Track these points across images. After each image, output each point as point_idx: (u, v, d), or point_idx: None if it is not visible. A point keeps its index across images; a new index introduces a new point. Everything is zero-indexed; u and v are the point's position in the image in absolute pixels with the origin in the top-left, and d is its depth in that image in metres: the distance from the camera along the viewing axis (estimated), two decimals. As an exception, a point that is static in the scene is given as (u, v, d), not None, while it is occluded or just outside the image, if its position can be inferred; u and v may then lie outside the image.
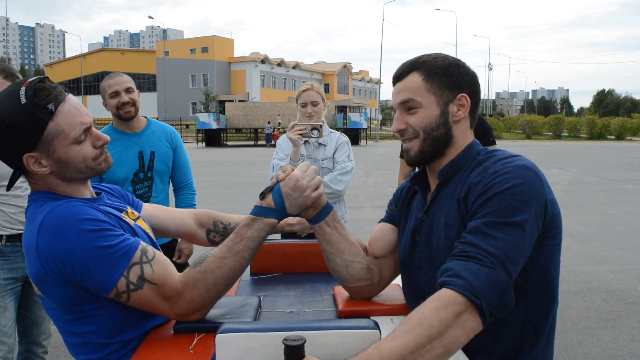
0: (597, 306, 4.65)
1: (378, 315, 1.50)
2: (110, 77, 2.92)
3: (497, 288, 1.10)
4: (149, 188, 2.99)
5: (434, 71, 1.36)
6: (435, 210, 1.38)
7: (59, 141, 1.26)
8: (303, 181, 1.41)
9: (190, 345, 1.30)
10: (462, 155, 1.38)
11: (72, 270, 1.21)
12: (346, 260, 1.53)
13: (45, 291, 1.27)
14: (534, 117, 50.42)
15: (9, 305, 2.56)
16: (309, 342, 1.02)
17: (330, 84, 70.88)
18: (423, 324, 1.04)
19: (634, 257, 6.31)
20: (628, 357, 3.63)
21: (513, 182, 1.20)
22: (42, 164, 1.27)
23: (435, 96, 1.36)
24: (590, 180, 10.44)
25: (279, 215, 1.42)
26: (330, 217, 1.52)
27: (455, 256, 1.17)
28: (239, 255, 1.36)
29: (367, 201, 10.37)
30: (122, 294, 1.25)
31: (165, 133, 3.08)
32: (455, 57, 1.42)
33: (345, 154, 3.18)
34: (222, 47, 64.17)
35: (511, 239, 1.15)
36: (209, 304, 1.36)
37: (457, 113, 1.37)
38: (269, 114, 34.49)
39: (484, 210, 1.19)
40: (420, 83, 1.36)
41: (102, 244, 1.22)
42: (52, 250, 1.20)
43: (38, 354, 2.79)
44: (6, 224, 2.55)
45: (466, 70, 1.39)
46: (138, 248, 1.28)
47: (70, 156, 1.28)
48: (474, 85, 1.40)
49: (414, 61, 1.40)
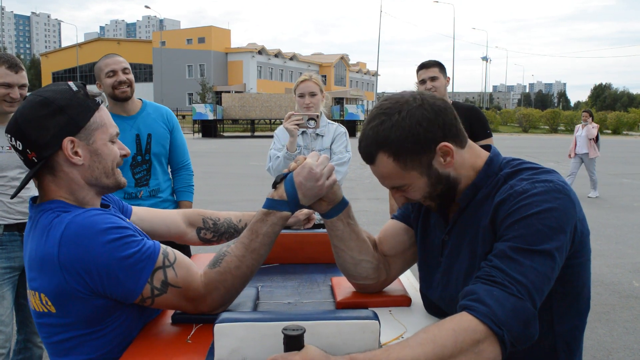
0: (592, 299, 4.65)
1: (376, 307, 1.49)
2: (107, 57, 2.90)
3: (521, 319, 1.05)
4: (147, 171, 2.97)
5: (400, 146, 1.20)
6: (457, 232, 1.32)
7: (100, 133, 1.30)
8: (317, 169, 1.36)
9: (188, 335, 1.30)
10: (483, 174, 1.28)
11: (100, 280, 1.19)
12: (356, 258, 1.49)
13: (64, 307, 1.22)
14: (530, 111, 50.38)
15: (7, 294, 2.56)
16: (308, 332, 1.02)
17: (328, 76, 70.65)
18: (437, 342, 1.01)
19: (629, 251, 6.34)
20: (622, 350, 3.66)
21: (543, 206, 1.12)
22: (78, 154, 1.27)
23: (415, 169, 1.23)
24: (586, 175, 10.50)
25: (292, 207, 1.37)
26: (345, 214, 1.46)
27: (481, 279, 1.11)
28: (256, 253, 1.36)
29: (363, 193, 10.37)
30: (147, 299, 1.26)
31: (161, 114, 3.04)
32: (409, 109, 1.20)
33: (342, 145, 3.17)
34: (219, 37, 63.84)
35: (539, 267, 1.09)
36: (229, 301, 1.37)
37: (445, 162, 1.24)
38: (265, 105, 34.37)
39: (511, 233, 1.12)
40: (393, 166, 1.23)
41: (127, 253, 1.21)
42: (77, 261, 1.18)
43: (37, 344, 2.79)
44: (4, 213, 2.55)
45: (432, 117, 1.20)
46: (160, 252, 1.27)
47: (105, 151, 1.32)
48: (445, 123, 1.22)
49: (373, 139, 1.22)
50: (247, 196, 9.77)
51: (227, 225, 1.73)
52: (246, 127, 38.70)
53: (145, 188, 2.96)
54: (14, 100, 2.50)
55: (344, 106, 35.67)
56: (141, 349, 1.25)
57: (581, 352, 1.30)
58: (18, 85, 2.50)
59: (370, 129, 1.24)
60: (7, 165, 2.55)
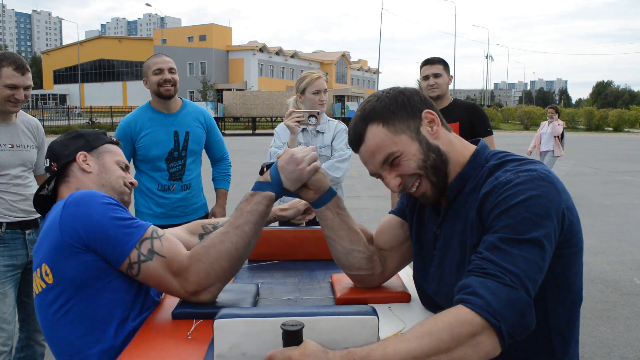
0: (593, 296, 4.67)
1: (376, 303, 1.50)
2: (156, 56, 3.11)
3: (517, 309, 1.05)
4: (182, 166, 3.15)
5: (387, 112, 1.28)
6: (448, 225, 1.33)
7: (109, 155, 1.61)
8: (298, 155, 1.45)
9: (188, 330, 1.30)
10: (469, 166, 1.30)
11: (93, 235, 1.30)
12: (346, 248, 1.52)
13: (59, 267, 1.31)
14: (532, 108, 50.28)
15: (9, 292, 2.57)
16: (307, 327, 1.03)
17: (329, 73, 70.59)
18: (433, 335, 1.01)
19: (630, 249, 6.34)
20: (623, 347, 3.66)
21: (527, 194, 1.13)
22: (88, 164, 1.55)
23: (405, 133, 1.27)
24: (588, 172, 10.47)
25: (276, 188, 1.46)
26: (333, 203, 1.51)
27: (473, 272, 1.12)
28: (240, 229, 1.40)
29: (364, 191, 10.38)
30: (134, 265, 1.33)
31: (199, 115, 3.24)
32: (391, 87, 1.35)
33: (343, 142, 3.18)
34: (220, 35, 63.81)
35: (529, 256, 1.09)
36: (215, 281, 1.38)
37: (433, 130, 1.29)
38: (266, 103, 34.37)
39: (498, 224, 1.14)
40: (383, 133, 1.27)
41: (119, 215, 1.35)
42: (76, 219, 1.31)
43: (39, 341, 2.80)
44: (6, 211, 2.56)
45: (410, 92, 1.32)
46: (150, 226, 1.39)
47: (112, 167, 1.59)
48: (425, 98, 1.33)
49: (362, 116, 1.30)
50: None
51: None
52: (247, 124, 38.71)
53: (178, 182, 3.15)
54: (18, 101, 2.50)
55: (345, 104, 35.67)
56: (141, 344, 1.25)
57: (577, 342, 1.30)
58: (23, 87, 2.51)
59: (356, 114, 1.34)
60: (9, 163, 2.56)
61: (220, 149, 3.43)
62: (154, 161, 3.07)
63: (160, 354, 1.21)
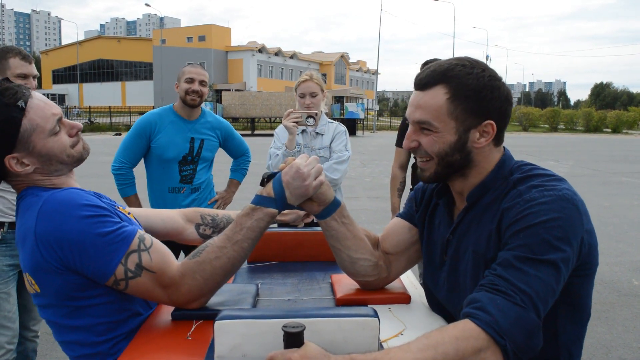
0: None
1: (376, 304, 1.50)
2: (193, 66, 3.24)
3: (524, 329, 1.04)
4: (194, 171, 3.26)
5: (463, 92, 1.20)
6: (462, 232, 1.30)
7: (36, 135, 1.27)
8: (304, 169, 1.37)
9: (188, 331, 1.30)
10: (492, 176, 1.26)
11: (71, 255, 1.20)
12: (353, 257, 1.49)
13: (42, 281, 1.25)
14: (530, 110, 50.37)
15: (12, 291, 2.57)
16: (308, 329, 1.03)
17: (328, 74, 70.57)
18: (438, 349, 1.00)
19: (629, 250, 6.35)
20: (621, 348, 3.67)
21: (550, 215, 1.10)
22: (25, 163, 1.28)
23: (457, 122, 1.21)
24: (586, 173, 10.47)
25: (279, 205, 1.38)
26: (338, 213, 1.47)
27: (484, 287, 1.10)
28: (238, 245, 1.34)
29: (363, 192, 10.37)
30: (121, 282, 1.25)
31: (216, 127, 3.36)
32: (492, 74, 1.24)
33: (342, 143, 3.18)
34: (220, 35, 63.73)
35: (544, 277, 1.07)
36: (208, 293, 1.35)
37: (479, 140, 1.24)
38: (266, 104, 34.36)
39: (515, 242, 1.11)
40: (443, 103, 1.21)
41: (101, 230, 1.22)
42: (50, 234, 1.20)
43: (28, 338, 2.81)
44: (8, 210, 2.56)
45: (500, 94, 1.22)
46: (136, 236, 1.27)
47: (50, 148, 1.29)
48: (505, 109, 1.24)
49: (445, 70, 1.22)
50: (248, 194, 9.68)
51: (226, 221, 1.72)
52: (246, 125, 38.69)
53: (188, 185, 3.25)
54: None
55: (344, 105, 35.63)
56: (141, 345, 1.25)
57: (580, 355, 1.29)
58: (32, 76, 2.54)
59: (447, 61, 1.25)
60: None
61: (241, 149, 3.59)
62: (167, 162, 3.16)
63: (160, 355, 1.20)
